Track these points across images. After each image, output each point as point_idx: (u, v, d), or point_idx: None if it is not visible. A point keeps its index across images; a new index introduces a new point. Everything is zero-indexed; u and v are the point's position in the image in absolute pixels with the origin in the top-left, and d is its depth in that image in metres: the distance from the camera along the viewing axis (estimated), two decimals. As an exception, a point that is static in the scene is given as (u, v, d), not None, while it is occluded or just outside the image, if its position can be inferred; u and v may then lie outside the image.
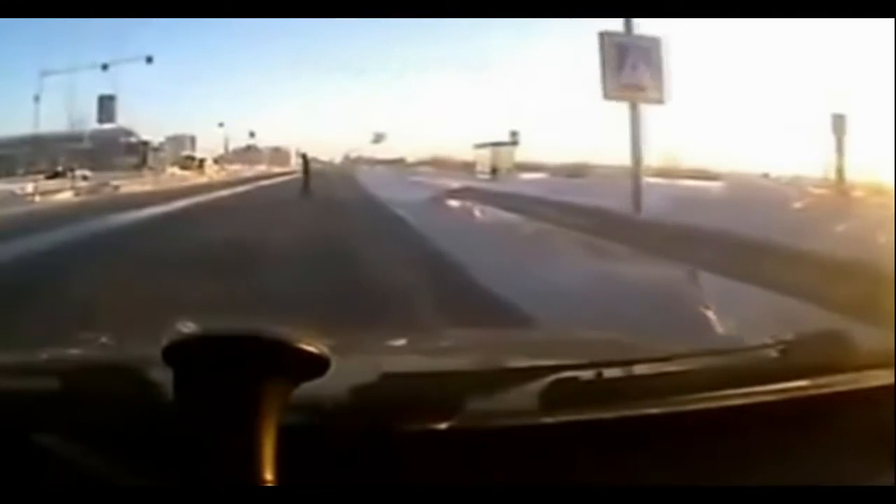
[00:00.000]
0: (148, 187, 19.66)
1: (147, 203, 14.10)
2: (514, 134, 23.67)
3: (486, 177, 22.39)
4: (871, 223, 7.09)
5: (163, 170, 22.93)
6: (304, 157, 21.47)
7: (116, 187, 18.61)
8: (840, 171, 12.90)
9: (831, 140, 12.98)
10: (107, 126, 21.30)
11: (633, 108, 9.54)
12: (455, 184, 19.28)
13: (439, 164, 25.37)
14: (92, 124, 20.65)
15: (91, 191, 17.58)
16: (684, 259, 6.40)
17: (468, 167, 24.22)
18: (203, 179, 22.57)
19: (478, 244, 8.53)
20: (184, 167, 23.87)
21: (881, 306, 3.32)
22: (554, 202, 11.61)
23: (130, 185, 19.45)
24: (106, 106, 19.86)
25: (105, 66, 18.53)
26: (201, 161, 24.40)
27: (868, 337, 1.17)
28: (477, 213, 13.31)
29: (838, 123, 12.66)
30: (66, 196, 16.71)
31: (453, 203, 15.42)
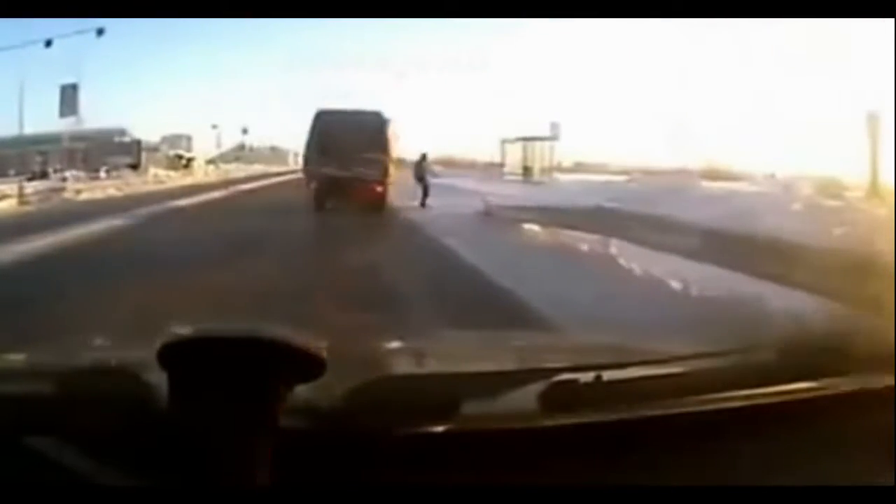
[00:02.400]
0: (112, 192, 17.88)
1: (83, 217, 10.82)
2: (554, 126, 20.10)
3: (515, 178, 19.12)
4: None
5: (145, 170, 22.11)
6: (422, 157, 14.82)
7: (78, 191, 16.88)
8: (875, 174, 12.26)
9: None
10: (103, 126, 21.15)
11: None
12: (483, 187, 15.80)
13: (448, 164, 24.38)
14: (89, 124, 20.37)
15: (43, 198, 15.73)
16: None
17: (482, 167, 22.92)
18: (187, 181, 21.64)
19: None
20: (171, 167, 23.30)
21: None
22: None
23: (93, 191, 17.45)
24: (68, 96, 18.40)
25: (49, 43, 17.04)
26: (188, 161, 23.95)
27: (868, 337, 1.17)
28: (629, 265, 7.07)
29: (873, 124, 12.15)
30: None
31: (536, 230, 10.22)
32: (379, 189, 9.88)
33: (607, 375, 1.01)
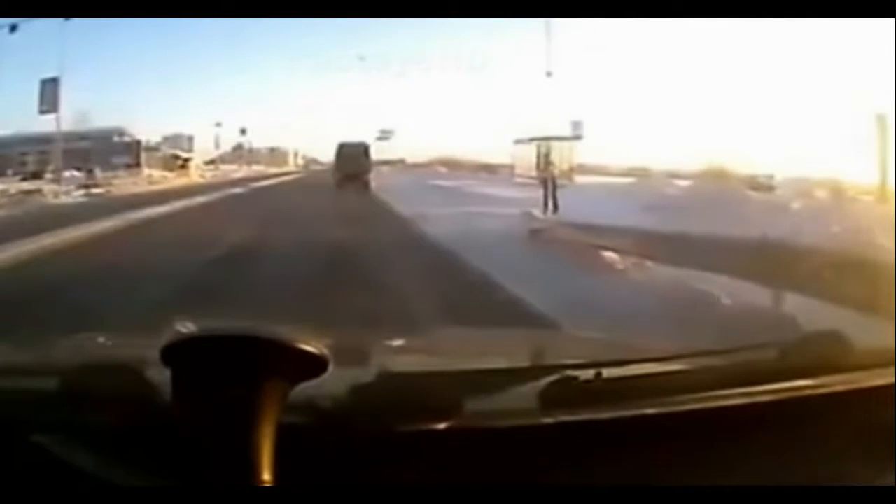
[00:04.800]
0: (96, 192, 17.24)
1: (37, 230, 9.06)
2: (576, 125, 18.92)
3: (526, 181, 17.81)
4: None
5: (139, 171, 21.83)
6: (545, 156, 15.46)
7: (57, 194, 16.14)
8: (883, 174, 11.57)
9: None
10: (103, 125, 21.06)
11: None
12: (499, 191, 14.77)
13: (452, 166, 24.13)
14: (91, 123, 20.22)
15: (17, 201, 14.88)
16: None
17: (488, 169, 22.64)
18: (180, 182, 21.39)
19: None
20: (167, 168, 23.09)
21: None
22: None
23: (80, 192, 16.81)
24: (48, 90, 17.38)
25: (13, 28, 15.67)
26: (185, 161, 23.76)
27: (868, 337, 1.17)
28: None
29: (880, 124, 11.62)
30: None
31: (634, 270, 6.67)
32: (366, 178, 17.83)
33: (607, 373, 1.01)
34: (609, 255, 7.42)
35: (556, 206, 13.09)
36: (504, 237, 9.40)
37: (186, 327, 0.82)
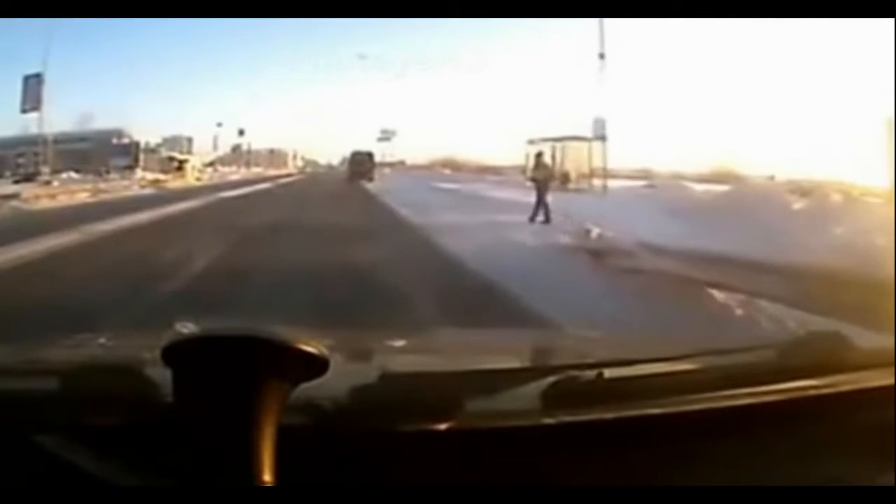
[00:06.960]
0: (82, 197, 16.52)
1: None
2: (598, 124, 16.74)
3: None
4: None
5: (133, 172, 21.58)
6: (538, 155, 13.94)
7: (38, 197, 15.51)
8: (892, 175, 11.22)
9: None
10: (103, 127, 21.04)
11: None
12: (515, 196, 12.99)
13: (454, 167, 24.83)
14: (91, 125, 20.16)
15: None
16: None
17: (492, 170, 22.77)
18: (176, 184, 21.23)
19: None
20: (163, 170, 22.97)
21: None
22: None
23: (59, 198, 16.05)
24: (31, 87, 16.78)
25: None
26: (181, 163, 23.68)
27: (868, 337, 1.17)
28: None
29: (889, 126, 11.61)
30: None
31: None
32: (369, 174, 23.22)
33: (609, 373, 1.01)
34: (723, 296, 5.62)
35: (546, 217, 12.23)
36: (561, 264, 7.44)
37: (187, 327, 0.82)
